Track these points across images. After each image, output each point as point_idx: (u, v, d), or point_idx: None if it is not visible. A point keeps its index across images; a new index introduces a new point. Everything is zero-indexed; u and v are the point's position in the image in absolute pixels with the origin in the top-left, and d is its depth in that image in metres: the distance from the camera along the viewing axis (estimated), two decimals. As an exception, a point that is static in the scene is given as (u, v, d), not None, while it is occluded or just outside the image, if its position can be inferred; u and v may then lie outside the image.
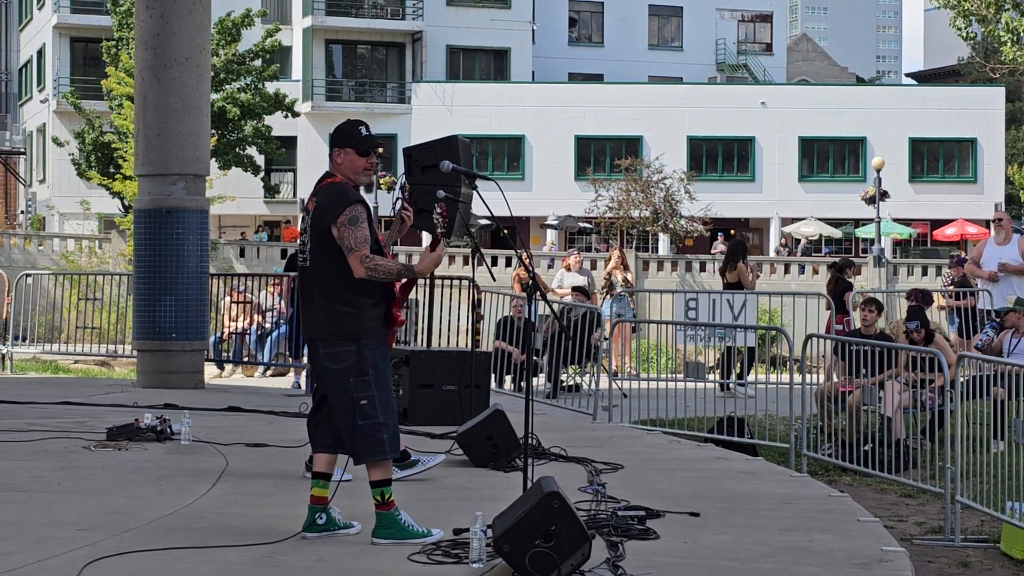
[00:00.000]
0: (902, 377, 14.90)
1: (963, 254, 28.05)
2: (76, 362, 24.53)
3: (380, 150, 8.29)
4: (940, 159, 62.58)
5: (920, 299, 18.82)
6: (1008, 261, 18.62)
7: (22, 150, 70.13)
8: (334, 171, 8.04)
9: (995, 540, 10.77)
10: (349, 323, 7.87)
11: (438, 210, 8.29)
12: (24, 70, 72.19)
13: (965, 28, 31.53)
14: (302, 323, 8.25)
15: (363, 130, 8.06)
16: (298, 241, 8.13)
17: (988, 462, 11.18)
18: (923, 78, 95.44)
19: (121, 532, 8.23)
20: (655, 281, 44.13)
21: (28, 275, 25.24)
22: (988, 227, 58.19)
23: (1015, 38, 30.06)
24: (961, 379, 11.88)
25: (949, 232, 60.49)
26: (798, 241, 61.59)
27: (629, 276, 27.17)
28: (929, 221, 62.36)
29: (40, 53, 65.97)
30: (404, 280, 8.03)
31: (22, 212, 67.77)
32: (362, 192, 8.20)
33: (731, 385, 19.69)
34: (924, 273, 45.65)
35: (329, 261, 7.86)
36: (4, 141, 71.28)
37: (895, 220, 57.71)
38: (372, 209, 8.38)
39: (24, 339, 24.38)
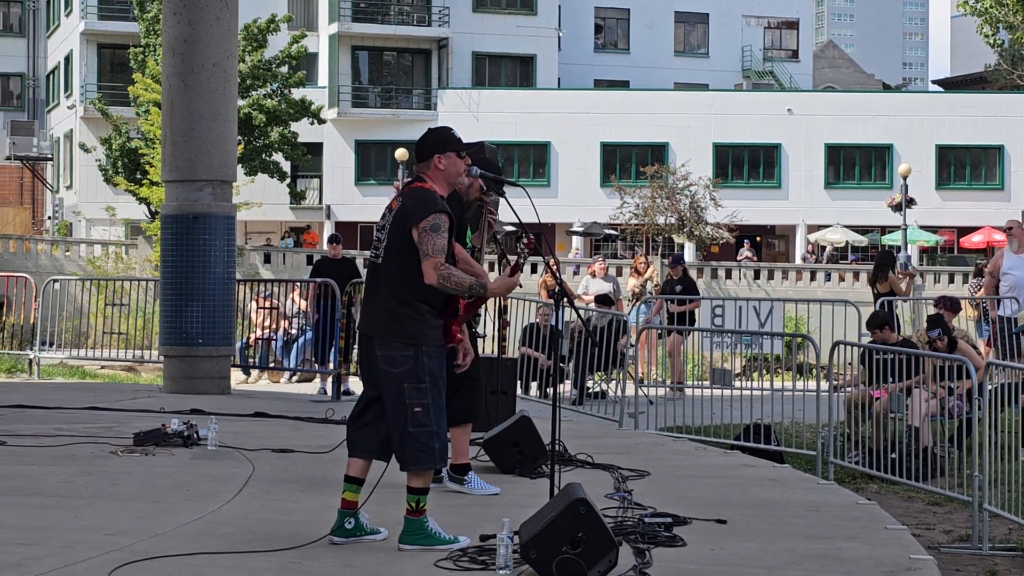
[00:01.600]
0: (929, 385, 14.84)
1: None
2: (103, 367, 24.57)
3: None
4: (967, 166, 62.40)
5: (948, 307, 18.70)
6: None
7: (49, 156, 70.30)
8: (428, 176, 7.99)
9: (1023, 549, 10.73)
10: (412, 327, 7.82)
11: (524, 241, 8.28)
12: (51, 76, 72.45)
13: (992, 35, 31.50)
14: (361, 318, 8.22)
15: (456, 133, 8.11)
16: (374, 238, 8.08)
17: (1017, 470, 11.14)
18: (950, 85, 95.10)
19: (148, 537, 8.24)
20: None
21: (55, 281, 25.32)
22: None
23: (1043, 45, 29.96)
24: (989, 387, 11.83)
25: (976, 240, 60.33)
26: (824, 248, 61.48)
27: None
28: (956, 229, 62.18)
29: (67, 59, 66.21)
30: (471, 299, 7.99)
31: (49, 218, 67.97)
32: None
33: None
34: (951, 281, 45.58)
35: (401, 261, 7.83)
36: (31, 147, 71.44)
37: (921, 227, 57.62)
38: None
39: (51, 344, 24.45)
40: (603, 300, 22.99)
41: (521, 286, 14.90)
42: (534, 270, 40.70)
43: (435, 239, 7.72)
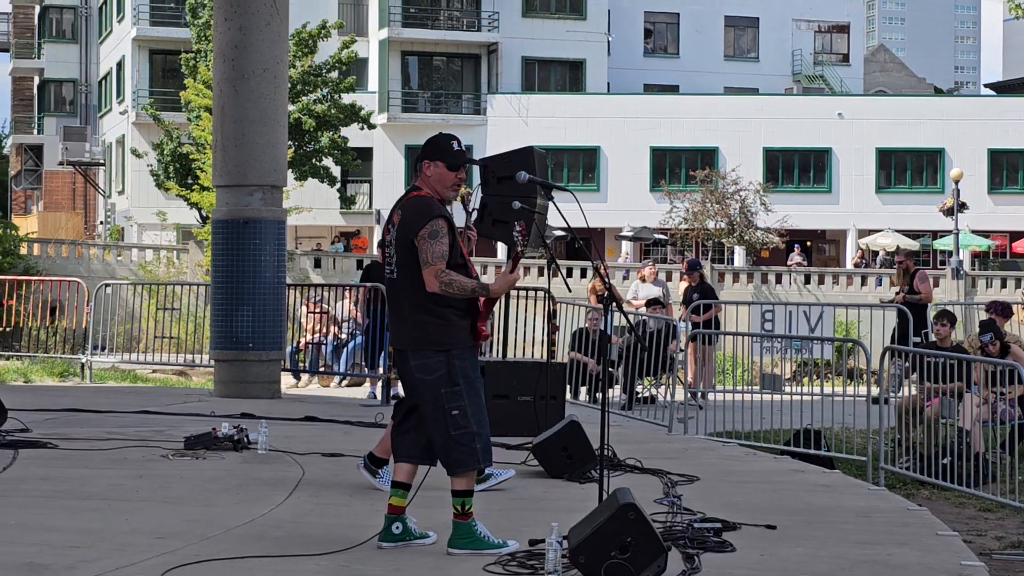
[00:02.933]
0: (980, 390, 14.76)
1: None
2: (154, 371, 24.72)
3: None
4: (1020, 170, 62.04)
5: (999, 312, 18.60)
6: None
7: (101, 161, 70.79)
8: (421, 183, 8.03)
9: (1076, 555, 10.67)
10: (438, 333, 7.86)
11: (517, 228, 8.27)
12: (104, 82, 72.88)
13: (1045, 38, 31.23)
14: (391, 332, 8.26)
15: (455, 145, 8.07)
16: (384, 253, 8.13)
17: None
18: (1002, 89, 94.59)
19: (199, 540, 8.28)
20: (730, 293, 43.98)
21: (107, 285, 25.49)
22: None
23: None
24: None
25: (1029, 245, 60.09)
26: (875, 253, 61.19)
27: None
28: (1008, 233, 61.82)
29: (120, 65, 66.59)
30: (482, 297, 8.02)
31: (101, 223, 68.40)
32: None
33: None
34: (1003, 285, 45.29)
35: (414, 273, 7.86)
36: (84, 152, 71.98)
37: (973, 232, 57.26)
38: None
39: (103, 348, 24.60)
40: (655, 304, 22.95)
41: (569, 289, 14.90)
42: (583, 275, 40.70)
43: (434, 246, 7.77)
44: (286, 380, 20.87)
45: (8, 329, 27.21)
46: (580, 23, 65.26)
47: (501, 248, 41.48)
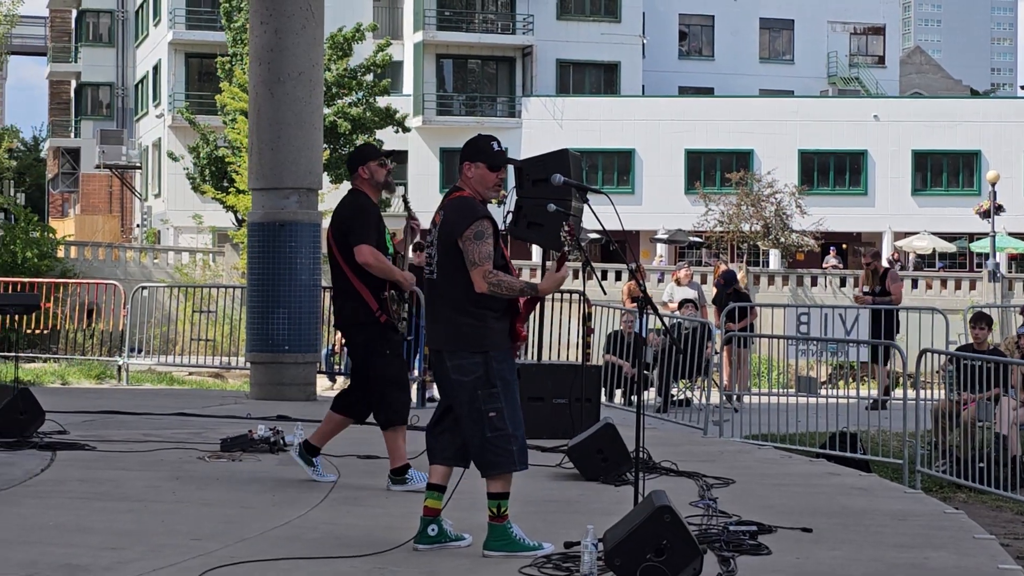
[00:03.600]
0: (1017, 393, 14.71)
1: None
2: (190, 374, 24.81)
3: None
4: (1057, 173, 61.77)
5: (1036, 315, 18.57)
6: None
7: (138, 164, 71.09)
8: (462, 184, 8.05)
9: (1114, 559, 10.62)
10: (476, 335, 7.86)
11: (565, 228, 8.29)
12: (140, 86, 73.19)
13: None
14: (428, 333, 8.27)
15: (495, 145, 8.09)
16: (424, 254, 8.17)
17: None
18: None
19: (235, 542, 8.31)
20: (766, 296, 43.93)
21: (144, 288, 25.61)
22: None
23: None
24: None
25: (1065, 248, 59.84)
26: (908, 255, 61.06)
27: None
28: (1046, 236, 61.59)
29: (156, 69, 66.88)
30: (526, 297, 8.03)
31: (137, 226, 68.68)
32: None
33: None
34: (1038, 288, 45.05)
35: (455, 274, 7.87)
36: (120, 156, 72.27)
37: (1010, 234, 57.08)
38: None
39: (140, 351, 24.71)
40: (690, 306, 22.91)
41: (604, 291, 14.88)
42: (618, 277, 40.68)
43: (480, 247, 7.78)
44: (321, 382, 20.89)
45: (45, 332, 27.37)
46: (615, 25, 65.24)
47: (536, 250, 41.44)
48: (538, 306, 14.65)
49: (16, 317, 25.23)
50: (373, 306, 10.10)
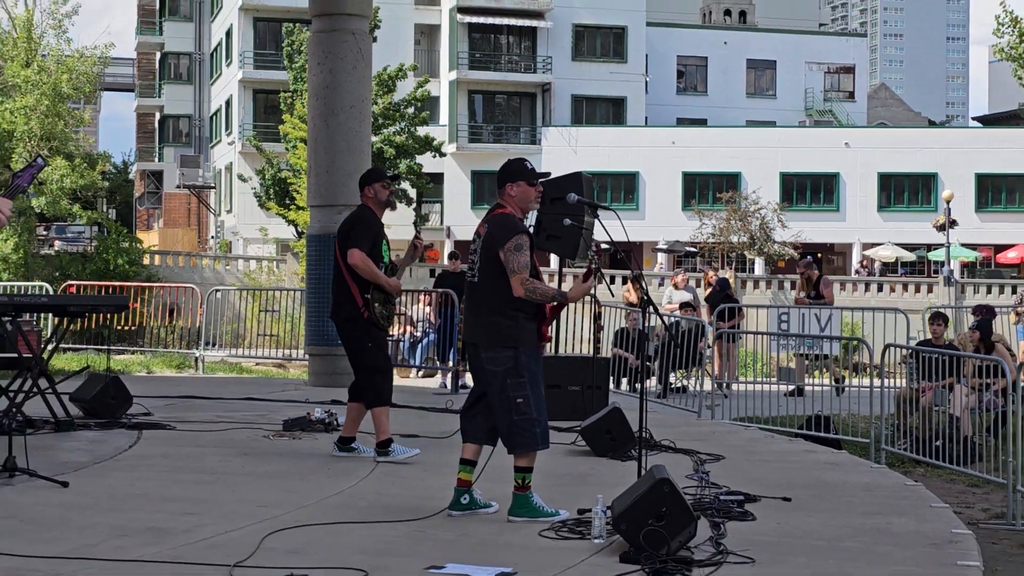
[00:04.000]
0: (968, 382, 14.67)
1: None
2: (257, 364, 24.83)
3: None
4: (1003, 192, 61.65)
5: (985, 313, 18.51)
6: None
7: (212, 185, 71.23)
8: (505, 202, 8.05)
9: (1053, 525, 10.58)
10: (509, 333, 7.87)
11: (594, 250, 8.37)
12: (214, 117, 73.38)
13: (1025, 77, 31.08)
14: (465, 329, 8.28)
15: (528, 165, 8.13)
16: (468, 259, 8.20)
17: (1046, 457, 10.99)
18: (988, 121, 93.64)
19: (295, 509, 8.33)
20: (751, 298, 43.74)
21: (217, 291, 25.67)
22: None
23: (1070, 86, 29.51)
24: (1022, 384, 11.66)
25: (1011, 256, 59.78)
26: (874, 262, 60.96)
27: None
28: (993, 246, 61.40)
29: (228, 103, 67.01)
30: (555, 303, 8.04)
31: (212, 237, 68.82)
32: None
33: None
34: (988, 291, 44.87)
35: (495, 279, 7.89)
36: (197, 177, 72.38)
37: (963, 245, 56.91)
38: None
39: (214, 345, 24.79)
40: (686, 307, 22.91)
41: (612, 294, 14.82)
42: (624, 281, 40.58)
43: (519, 257, 7.79)
44: (370, 372, 20.91)
45: (133, 328, 27.43)
46: (622, 65, 65.22)
47: (554, 259, 41.41)
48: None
49: (108, 315, 25.36)
50: (359, 303, 10.18)
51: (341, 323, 10.44)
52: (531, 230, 10.67)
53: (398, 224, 53.25)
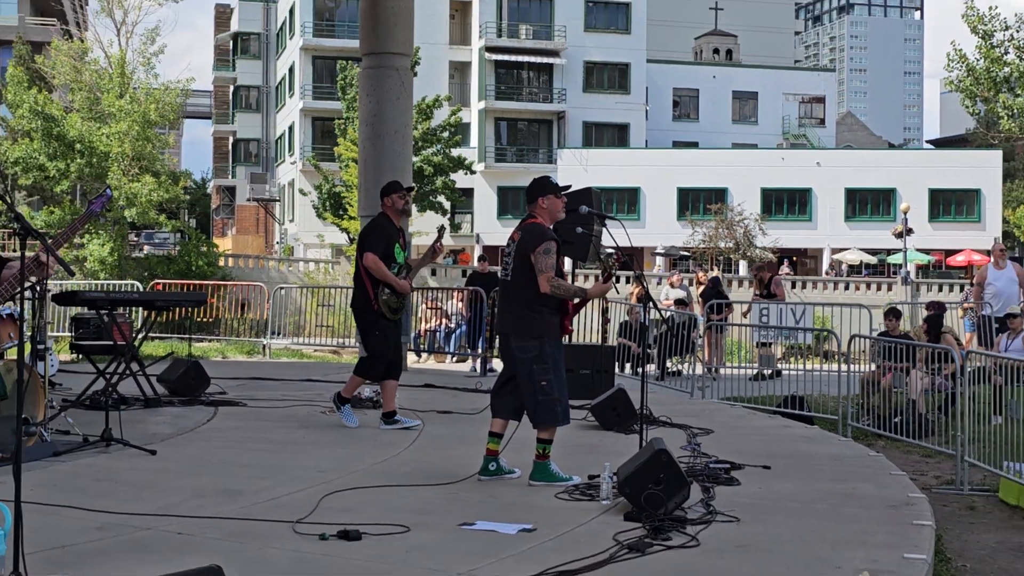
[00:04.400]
0: (920, 366, 14.62)
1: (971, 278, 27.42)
2: (315, 351, 24.89)
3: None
4: (952, 204, 61.45)
5: (936, 308, 18.44)
6: (1007, 282, 18.36)
7: (277, 198, 71.48)
8: (536, 213, 8.07)
9: (994, 490, 10.53)
10: (536, 325, 7.88)
11: (614, 257, 8.42)
12: (279, 141, 73.64)
13: (971, 107, 30.94)
14: (498, 320, 8.29)
15: (553, 179, 8.21)
16: (502, 262, 8.23)
17: (989, 431, 10.94)
18: (940, 144, 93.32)
19: (348, 474, 8.36)
20: (736, 295, 43.60)
21: (281, 288, 25.72)
22: (988, 256, 57.09)
23: (1010, 114, 29.41)
24: (969, 369, 11.63)
25: (959, 259, 59.62)
26: (841, 264, 60.87)
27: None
28: (943, 251, 61.26)
29: (290, 128, 67.25)
30: (577, 300, 8.05)
31: (277, 243, 69.06)
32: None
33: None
34: (940, 290, 44.74)
35: (525, 278, 7.90)
36: (264, 192, 72.66)
37: (918, 250, 56.85)
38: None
39: (278, 334, 24.84)
40: (680, 303, 22.89)
41: (618, 292, 14.77)
42: (628, 281, 40.54)
43: (547, 260, 7.81)
44: (411, 357, 20.95)
45: (210, 319, 27.52)
46: (626, 96, 65.25)
47: (567, 261, 41.35)
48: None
49: (189, 309, 25.44)
50: (371, 297, 10.34)
51: (356, 311, 10.63)
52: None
53: (435, 231, 53.25)
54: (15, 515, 4.82)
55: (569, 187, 8.57)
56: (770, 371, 19.54)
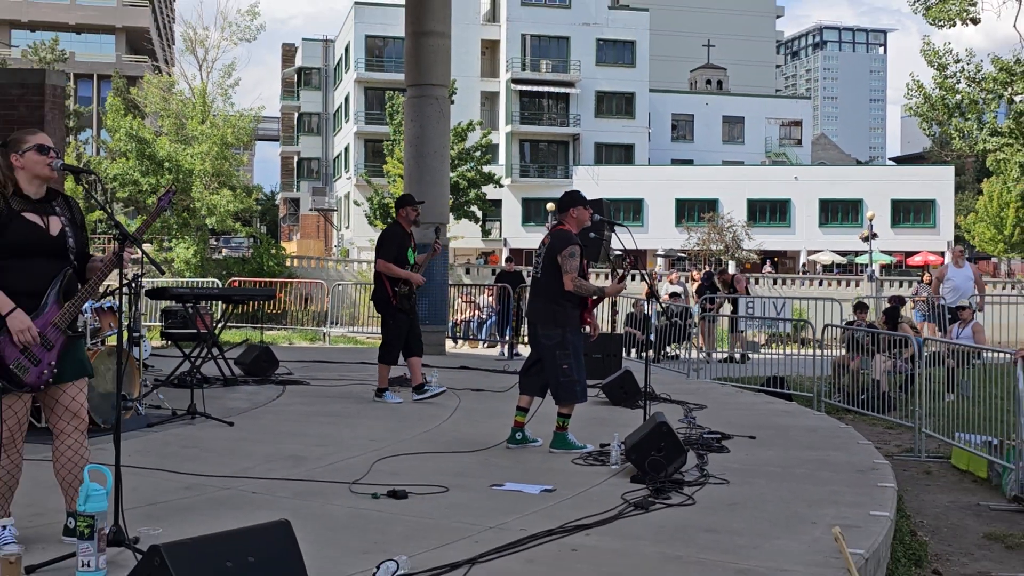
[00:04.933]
0: (885, 352, 14.55)
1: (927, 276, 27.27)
2: (367, 338, 24.98)
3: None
4: (911, 212, 61.08)
5: (896, 301, 18.36)
6: (964, 279, 18.29)
7: (335, 208, 71.68)
8: (565, 222, 8.07)
9: (947, 457, 10.47)
10: (560, 316, 7.89)
11: (627, 260, 8.43)
12: (336, 159, 73.86)
13: (928, 128, 30.76)
14: (528, 311, 8.31)
15: (582, 194, 8.19)
16: (533, 262, 8.28)
17: (943, 407, 10.88)
18: (900, 160, 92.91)
19: (395, 442, 8.37)
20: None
21: (339, 285, 25.82)
22: (943, 256, 56.85)
23: (961, 135, 29.18)
24: (925, 354, 11.56)
25: (917, 260, 59.28)
26: (816, 265, 60.63)
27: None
28: (904, 252, 60.89)
29: (346, 149, 67.42)
30: (595, 297, 8.06)
31: (335, 246, 69.28)
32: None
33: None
34: (900, 285, 44.44)
35: (552, 276, 7.91)
36: (324, 203, 72.80)
37: (881, 252, 56.55)
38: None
39: (336, 323, 24.91)
40: (675, 296, 22.82)
41: (626, 288, 14.76)
42: (633, 278, 40.48)
43: (572, 262, 7.81)
44: (448, 343, 21.00)
45: (278, 311, 27.64)
46: (631, 121, 65.18)
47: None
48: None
49: (261, 302, 25.60)
50: (389, 292, 10.50)
51: (376, 304, 10.75)
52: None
53: (470, 235, 53.43)
54: (115, 477, 4.86)
55: (599, 201, 8.59)
56: (740, 355, 19.47)
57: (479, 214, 50.49)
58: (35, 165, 4.94)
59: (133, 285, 9.61)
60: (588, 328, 8.20)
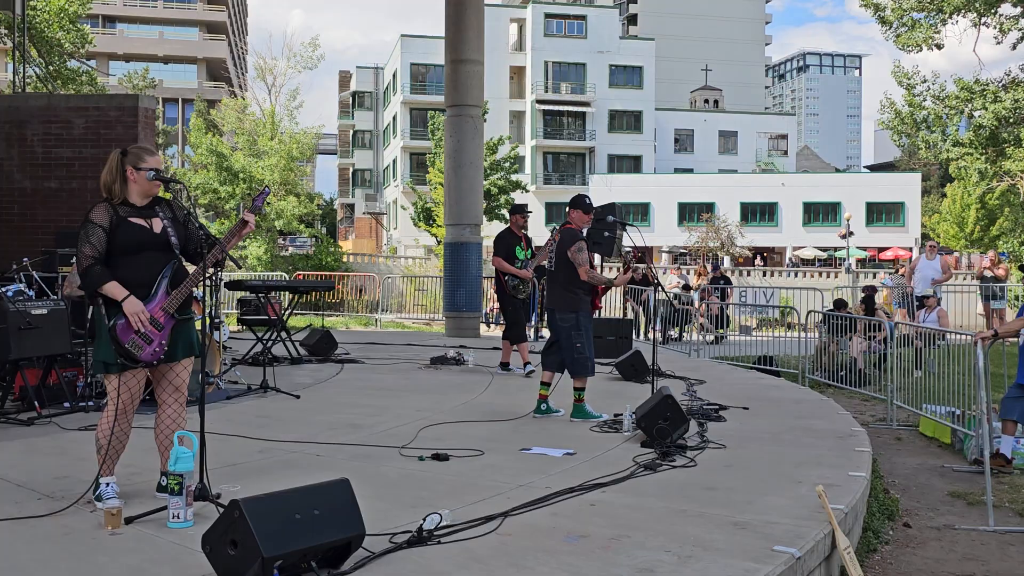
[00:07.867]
0: (861, 335, 14.44)
1: (901, 269, 26.99)
2: (413, 323, 25.06)
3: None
4: (883, 214, 60.59)
5: (870, 291, 18.21)
6: (934, 272, 18.11)
7: (384, 212, 71.81)
8: (571, 220, 8.10)
9: (916, 426, 10.38)
10: (574, 302, 7.91)
11: (632, 254, 8.47)
12: (386, 170, 74.00)
13: (898, 140, 30.47)
14: (546, 298, 8.34)
15: (587, 199, 8.19)
16: (547, 257, 8.30)
17: (911, 382, 10.78)
18: (874, 168, 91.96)
19: (438, 412, 8.39)
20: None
21: (388, 278, 25.87)
22: (911, 251, 56.46)
23: (927, 146, 28.90)
24: (896, 336, 11.47)
25: (888, 255, 58.78)
26: (800, 259, 60.30)
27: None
28: (877, 248, 60.39)
29: (394, 161, 67.56)
30: (604, 286, 8.09)
31: (385, 244, 69.45)
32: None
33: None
34: (873, 277, 44.12)
35: (565, 268, 7.94)
36: (376, 208, 72.90)
37: (857, 248, 56.13)
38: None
39: (386, 311, 24.97)
40: (688, 290, 22.69)
41: (632, 277, 14.70)
42: (636, 271, 40.39)
43: (582, 255, 7.84)
44: (483, 328, 21.01)
45: (337, 300, 27.77)
46: (639, 135, 65.00)
47: (596, 257, 41.30)
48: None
49: (322, 292, 25.71)
50: (504, 285, 10.71)
51: (498, 296, 11.01)
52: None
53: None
54: (200, 442, 4.91)
55: (612, 205, 8.58)
56: (713, 336, 19.28)
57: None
58: (147, 185, 5.05)
59: (213, 278, 9.67)
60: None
